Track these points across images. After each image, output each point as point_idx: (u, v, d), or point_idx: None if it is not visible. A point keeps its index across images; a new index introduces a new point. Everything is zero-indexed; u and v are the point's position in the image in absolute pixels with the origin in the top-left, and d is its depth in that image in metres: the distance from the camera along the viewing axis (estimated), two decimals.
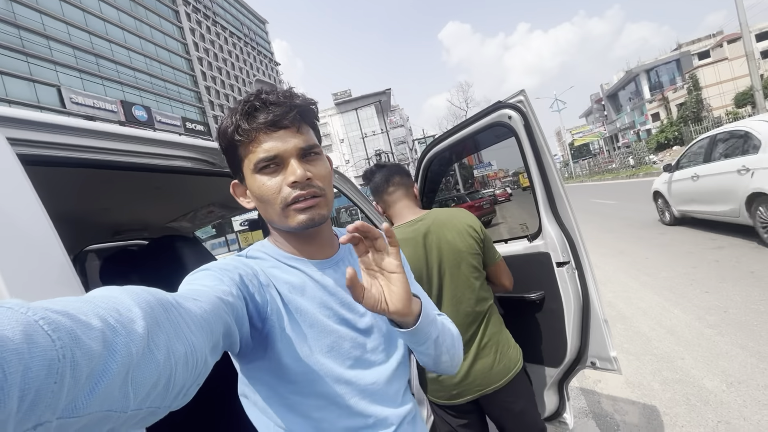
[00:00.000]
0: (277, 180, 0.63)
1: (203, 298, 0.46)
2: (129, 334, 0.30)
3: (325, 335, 0.65)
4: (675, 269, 4.31)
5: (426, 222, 1.31)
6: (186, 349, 0.36)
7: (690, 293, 3.58)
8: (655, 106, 42.84)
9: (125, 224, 2.09)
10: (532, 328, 1.60)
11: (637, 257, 5.18)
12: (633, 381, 2.50)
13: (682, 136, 18.98)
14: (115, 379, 0.28)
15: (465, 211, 1.38)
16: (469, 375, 1.27)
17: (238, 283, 0.57)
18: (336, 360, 0.65)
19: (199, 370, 0.39)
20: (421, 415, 1.86)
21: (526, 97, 1.40)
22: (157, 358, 0.32)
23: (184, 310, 0.39)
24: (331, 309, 0.67)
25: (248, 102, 0.63)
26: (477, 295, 1.29)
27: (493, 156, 29.26)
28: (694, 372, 2.41)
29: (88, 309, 0.29)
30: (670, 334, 2.95)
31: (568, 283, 1.42)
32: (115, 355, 0.28)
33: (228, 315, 0.49)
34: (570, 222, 1.43)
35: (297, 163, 0.62)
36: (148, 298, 0.35)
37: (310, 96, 0.68)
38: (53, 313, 0.26)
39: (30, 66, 25.00)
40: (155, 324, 0.34)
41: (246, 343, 0.58)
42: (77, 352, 0.26)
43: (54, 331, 0.25)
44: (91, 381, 0.27)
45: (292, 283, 0.65)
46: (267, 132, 0.62)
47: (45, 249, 0.59)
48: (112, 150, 0.86)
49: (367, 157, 38.68)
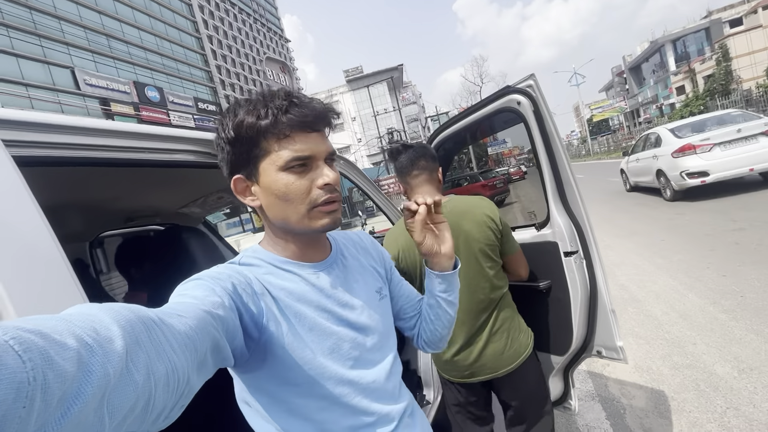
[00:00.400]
0: (305, 181, 0.63)
1: (189, 313, 0.44)
2: (106, 354, 0.29)
3: (326, 338, 0.65)
4: (691, 252, 4.21)
5: (448, 209, 1.28)
6: (167, 369, 0.35)
7: (706, 277, 3.50)
8: (681, 79, 40.81)
9: (137, 211, 2.14)
10: (538, 316, 1.59)
11: (652, 239, 5.06)
12: (642, 365, 2.49)
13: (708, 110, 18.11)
14: (90, 402, 0.27)
15: (485, 201, 1.35)
16: (481, 358, 1.33)
17: (230, 293, 0.56)
18: (338, 361, 0.66)
19: (182, 391, 0.38)
20: (428, 397, 1.90)
21: (535, 82, 1.34)
22: (135, 380, 0.31)
23: (167, 328, 0.38)
24: (329, 311, 0.67)
25: (280, 98, 0.62)
26: (491, 283, 1.32)
27: (507, 133, 28.58)
28: (706, 357, 2.38)
29: (63, 328, 0.28)
30: (683, 319, 2.91)
31: (575, 273, 1.40)
32: (90, 377, 0.27)
33: (216, 330, 0.48)
34: (579, 211, 1.39)
35: (327, 166, 0.65)
36: (128, 315, 0.34)
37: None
38: (25, 332, 0.25)
39: (44, 48, 25.16)
40: (135, 343, 0.32)
41: (241, 353, 0.57)
42: (49, 374, 0.24)
43: (25, 352, 0.24)
44: (64, 405, 0.25)
45: (289, 288, 0.65)
46: (304, 131, 0.62)
47: (43, 252, 0.60)
48: (109, 147, 0.86)
49: (379, 135, 38.25)
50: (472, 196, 1.39)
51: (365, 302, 0.74)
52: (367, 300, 0.75)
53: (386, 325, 0.78)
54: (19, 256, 0.56)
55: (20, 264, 0.56)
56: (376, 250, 0.86)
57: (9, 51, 23.13)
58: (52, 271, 0.59)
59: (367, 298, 0.75)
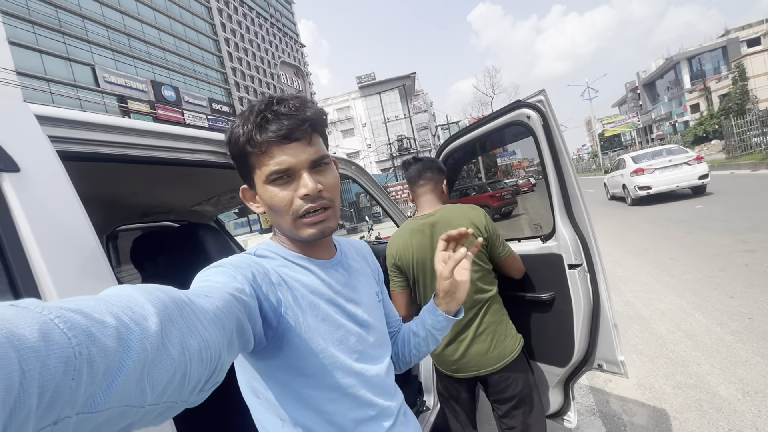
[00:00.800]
0: (288, 192, 0.64)
1: (215, 294, 0.47)
2: (143, 331, 0.31)
3: (336, 329, 0.69)
4: (700, 271, 4.17)
5: (435, 217, 1.45)
6: (200, 344, 0.37)
7: (714, 297, 3.47)
8: (696, 97, 40.42)
9: (153, 207, 2.21)
10: (540, 327, 1.61)
11: (661, 257, 5.02)
12: (644, 383, 2.48)
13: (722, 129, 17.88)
14: (132, 374, 0.29)
15: (474, 210, 1.46)
16: (466, 356, 1.42)
17: (251, 281, 0.58)
18: (346, 353, 0.70)
19: (214, 365, 0.40)
20: (428, 403, 1.92)
21: (546, 97, 1.38)
22: (171, 354, 0.33)
23: (197, 307, 0.40)
24: (338, 305, 0.72)
25: (260, 113, 0.63)
26: (475, 287, 1.42)
27: (517, 144, 28.46)
28: (710, 378, 2.37)
29: (102, 307, 0.30)
30: (689, 338, 2.89)
31: (579, 286, 1.43)
32: (130, 352, 0.29)
33: (240, 312, 0.50)
34: (585, 224, 1.42)
35: (308, 176, 0.64)
36: (160, 296, 0.36)
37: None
38: (68, 311, 0.27)
39: (67, 46, 25.85)
40: (168, 321, 0.35)
41: (259, 340, 0.59)
42: (93, 349, 0.26)
43: (70, 329, 0.26)
44: (108, 377, 0.28)
45: (303, 280, 0.69)
46: (279, 145, 0.63)
47: (81, 239, 0.65)
48: (141, 146, 0.92)
49: (389, 142, 38.42)
50: (464, 205, 1.51)
51: (367, 302, 0.78)
52: (369, 300, 0.79)
53: (384, 326, 0.83)
54: (61, 241, 0.61)
55: (62, 249, 0.61)
56: (372, 260, 0.91)
57: (34, 47, 23.81)
58: (89, 256, 0.64)
59: (369, 298, 0.79)
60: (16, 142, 0.61)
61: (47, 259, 0.57)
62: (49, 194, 0.62)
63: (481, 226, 1.42)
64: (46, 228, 0.59)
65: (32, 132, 0.66)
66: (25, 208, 0.57)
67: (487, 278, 1.45)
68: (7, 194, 0.56)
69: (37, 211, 0.59)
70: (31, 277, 0.55)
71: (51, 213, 0.61)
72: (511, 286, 1.68)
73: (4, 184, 0.57)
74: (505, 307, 1.50)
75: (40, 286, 0.55)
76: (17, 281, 0.53)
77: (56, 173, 0.66)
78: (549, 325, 1.57)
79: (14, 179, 0.58)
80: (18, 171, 0.59)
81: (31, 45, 23.77)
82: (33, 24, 24.00)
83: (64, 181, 0.67)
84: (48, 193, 0.62)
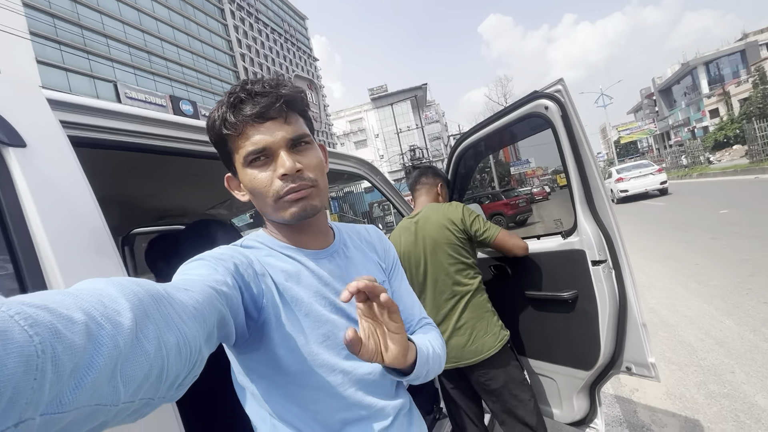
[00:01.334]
0: (268, 173, 0.62)
1: (195, 288, 0.45)
2: (115, 327, 0.30)
3: (321, 324, 0.64)
4: (729, 277, 3.98)
5: (419, 216, 1.60)
6: (178, 339, 0.36)
7: (745, 303, 3.30)
8: (714, 102, 39.52)
9: (168, 209, 2.22)
10: (563, 328, 1.53)
11: (685, 263, 4.83)
12: (674, 392, 2.35)
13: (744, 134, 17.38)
14: (103, 372, 0.27)
15: (451, 205, 1.57)
16: (446, 346, 1.45)
17: (233, 273, 0.56)
18: (332, 350, 0.64)
19: (194, 360, 0.38)
20: (445, 410, 1.84)
21: (564, 87, 1.33)
22: (147, 350, 0.32)
23: (175, 301, 0.39)
24: (326, 298, 0.66)
25: (233, 94, 0.61)
26: (453, 279, 1.51)
27: (531, 153, 28.23)
28: (746, 387, 2.22)
29: (70, 302, 0.28)
30: (720, 346, 2.73)
31: (603, 283, 1.35)
32: (100, 349, 0.28)
33: (222, 305, 0.48)
34: (608, 218, 1.35)
35: (286, 154, 0.61)
36: (136, 289, 0.34)
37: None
38: (31, 307, 0.25)
39: (90, 63, 26.98)
40: (144, 315, 0.33)
41: (242, 333, 0.57)
42: (58, 347, 0.25)
43: (31, 327, 0.24)
44: (76, 376, 0.26)
45: (288, 271, 0.65)
46: (254, 124, 0.60)
47: (87, 217, 0.63)
48: (156, 135, 0.91)
49: (401, 152, 38.58)
50: (445, 203, 1.64)
51: None
52: None
53: None
54: (67, 219, 0.60)
55: (71, 235, 0.59)
56: (381, 245, 0.84)
57: (60, 65, 24.93)
58: (98, 243, 0.63)
59: None
60: (24, 120, 0.60)
61: (50, 233, 0.55)
62: (55, 172, 0.61)
63: (456, 220, 1.52)
64: (50, 204, 0.57)
65: (42, 112, 0.65)
66: (30, 182, 0.56)
67: (466, 273, 1.52)
68: (12, 167, 0.55)
69: (42, 187, 0.58)
70: (33, 251, 0.53)
71: (56, 190, 0.59)
72: (532, 285, 1.62)
73: (9, 157, 0.55)
74: (527, 308, 1.45)
75: (42, 261, 0.54)
76: (19, 255, 0.52)
77: (64, 153, 0.65)
78: (572, 326, 1.49)
79: (20, 154, 0.57)
80: (24, 146, 0.58)
81: (57, 63, 24.87)
82: (59, 43, 25.14)
83: (72, 161, 0.66)
84: (54, 171, 0.61)
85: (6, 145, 0.55)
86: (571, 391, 1.56)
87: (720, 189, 11.80)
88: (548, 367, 1.64)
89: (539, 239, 1.64)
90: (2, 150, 0.55)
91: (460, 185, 2.03)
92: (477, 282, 1.53)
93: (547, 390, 1.68)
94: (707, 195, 11.08)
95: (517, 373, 1.52)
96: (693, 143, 25.08)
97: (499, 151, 18.21)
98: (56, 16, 25.19)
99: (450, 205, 1.57)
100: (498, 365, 1.49)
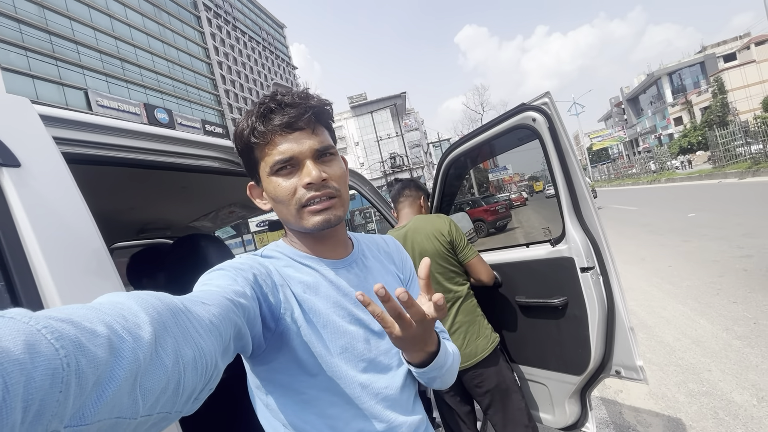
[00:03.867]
0: (293, 181, 0.63)
1: (213, 301, 0.45)
2: (136, 340, 0.30)
3: (339, 336, 0.64)
4: (700, 278, 4.17)
5: (408, 227, 1.65)
6: (194, 353, 0.36)
7: (716, 303, 3.46)
8: (678, 110, 41.69)
9: (150, 222, 2.15)
10: (554, 334, 1.56)
11: (659, 265, 5.03)
12: (657, 392, 2.42)
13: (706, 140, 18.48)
14: (123, 385, 0.28)
15: (439, 217, 1.64)
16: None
17: (252, 283, 0.56)
18: (350, 362, 0.64)
19: (210, 374, 0.39)
20: (438, 420, 1.84)
21: (551, 99, 1.38)
22: (165, 363, 0.32)
23: (192, 315, 0.39)
24: (344, 309, 0.66)
25: (264, 104, 0.62)
26: (443, 286, 1.58)
27: (508, 160, 28.96)
28: (722, 385, 2.32)
29: (93, 316, 0.29)
30: (696, 345, 2.85)
31: (592, 289, 1.39)
32: (121, 362, 0.28)
33: (238, 317, 0.49)
34: (595, 226, 1.40)
35: (312, 164, 0.62)
36: (155, 303, 0.35)
37: (326, 98, 0.67)
38: (57, 321, 0.26)
39: (60, 70, 25.98)
40: (163, 329, 0.33)
41: (258, 344, 0.57)
42: (82, 360, 0.25)
43: (57, 340, 0.25)
44: (98, 388, 0.26)
45: (306, 282, 0.65)
46: (282, 134, 0.62)
47: (87, 242, 0.61)
48: (146, 149, 0.89)
49: (381, 160, 38.73)
50: (432, 215, 1.69)
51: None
52: None
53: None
54: (64, 239, 0.57)
55: (67, 251, 0.57)
56: (399, 256, 0.85)
57: (26, 72, 23.89)
58: (94, 259, 0.60)
59: None
60: (18, 138, 0.58)
61: (46, 254, 0.53)
62: (51, 191, 0.59)
63: (444, 231, 1.59)
64: (46, 224, 0.55)
65: (35, 130, 0.63)
66: (25, 203, 0.53)
67: (454, 280, 1.59)
68: (6, 189, 0.53)
69: (38, 207, 0.55)
70: (29, 272, 0.51)
71: (52, 209, 0.57)
72: (522, 292, 1.65)
73: (3, 178, 0.53)
74: (518, 315, 1.48)
75: (39, 282, 0.52)
76: (14, 277, 0.50)
77: (59, 171, 0.62)
78: (563, 332, 1.53)
79: (14, 174, 0.54)
80: (18, 166, 0.55)
81: (23, 70, 23.83)
82: (26, 49, 24.12)
83: (68, 179, 0.63)
84: (50, 190, 0.59)
85: (0, 166, 0.53)
86: (563, 396, 1.59)
87: (687, 193, 12.39)
88: (540, 373, 1.67)
89: (528, 247, 1.67)
90: None
91: (447, 194, 2.06)
92: (466, 288, 1.61)
93: (538, 396, 1.71)
94: (675, 199, 11.62)
95: (508, 374, 1.58)
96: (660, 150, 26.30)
97: None
98: (22, 21, 24.18)
99: (438, 217, 1.64)
100: (490, 366, 1.54)
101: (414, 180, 1.88)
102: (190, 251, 1.43)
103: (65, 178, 0.63)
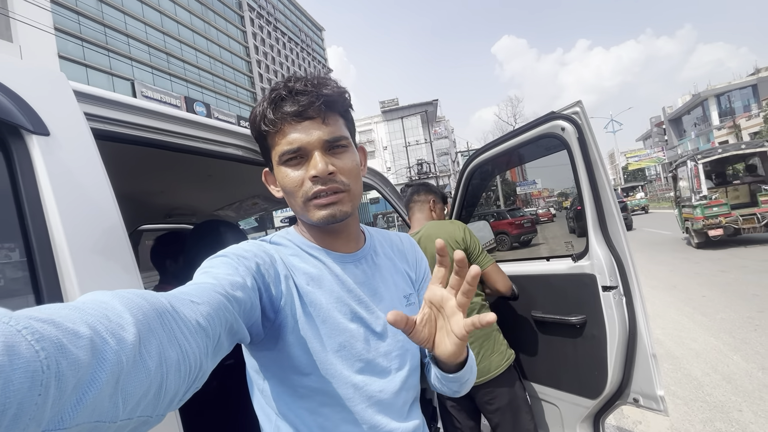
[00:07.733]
0: (300, 173, 0.61)
1: (204, 298, 0.44)
2: (119, 342, 0.29)
3: (338, 333, 0.62)
4: (737, 311, 3.91)
5: (420, 234, 1.60)
6: (178, 356, 0.35)
7: (753, 339, 3.23)
8: (725, 134, 39.48)
9: (177, 208, 2.23)
10: (570, 353, 1.50)
11: (692, 294, 4.75)
12: (679, 427, 2.28)
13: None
14: (104, 388, 0.27)
15: (453, 224, 1.58)
16: None
17: (253, 273, 0.55)
18: (345, 361, 0.62)
19: (194, 377, 0.38)
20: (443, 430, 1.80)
21: (582, 109, 1.33)
22: (148, 366, 0.31)
23: (179, 315, 0.38)
24: (346, 305, 0.64)
25: (275, 90, 0.61)
26: None
27: (537, 174, 28.28)
28: (754, 428, 2.15)
29: (76, 316, 0.28)
30: (727, 382, 2.66)
31: (614, 310, 1.32)
32: (103, 364, 0.27)
33: (231, 314, 0.47)
34: (621, 244, 1.33)
35: (320, 156, 0.60)
36: (140, 303, 0.34)
37: (342, 86, 0.64)
38: (38, 321, 0.25)
39: (111, 60, 27.63)
40: (147, 330, 0.32)
41: (257, 333, 0.57)
42: (63, 363, 0.25)
43: (38, 341, 0.24)
44: (78, 392, 0.25)
45: (310, 273, 0.64)
46: (292, 123, 0.60)
47: (105, 214, 0.63)
48: (173, 132, 0.92)
49: (408, 165, 38.72)
50: (445, 221, 1.66)
51: (388, 304, 0.69)
52: (391, 303, 0.70)
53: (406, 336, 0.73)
54: (83, 211, 0.59)
55: (82, 217, 0.59)
56: (413, 255, 0.81)
57: (80, 61, 25.54)
58: (112, 238, 0.62)
59: (392, 301, 0.70)
60: (49, 108, 0.61)
61: (66, 224, 0.55)
62: (75, 162, 0.61)
63: (458, 238, 1.53)
64: (67, 191, 0.57)
65: (68, 103, 0.66)
66: (50, 170, 0.56)
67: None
68: (33, 155, 0.55)
69: (62, 175, 0.58)
70: (48, 240, 0.53)
71: (75, 179, 0.59)
72: (539, 307, 1.59)
73: (32, 145, 0.56)
74: (533, 330, 1.43)
75: (56, 251, 0.54)
76: (33, 243, 0.51)
77: (86, 145, 0.65)
78: (579, 351, 1.46)
79: (43, 142, 0.57)
80: (48, 135, 0.58)
81: (78, 59, 25.47)
82: (82, 40, 25.78)
83: (94, 153, 0.66)
84: (75, 161, 0.61)
85: (30, 133, 0.55)
86: (575, 420, 1.51)
87: None
88: (552, 393, 1.60)
89: (548, 261, 1.61)
90: (26, 137, 0.56)
91: (469, 202, 2.02)
92: (481, 300, 1.55)
93: (549, 416, 1.64)
94: None
95: (521, 393, 1.53)
96: None
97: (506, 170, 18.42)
98: (81, 14, 25.91)
99: (452, 223, 1.59)
100: (504, 384, 1.49)
101: (425, 183, 1.85)
102: (209, 235, 1.46)
103: (91, 152, 0.65)
